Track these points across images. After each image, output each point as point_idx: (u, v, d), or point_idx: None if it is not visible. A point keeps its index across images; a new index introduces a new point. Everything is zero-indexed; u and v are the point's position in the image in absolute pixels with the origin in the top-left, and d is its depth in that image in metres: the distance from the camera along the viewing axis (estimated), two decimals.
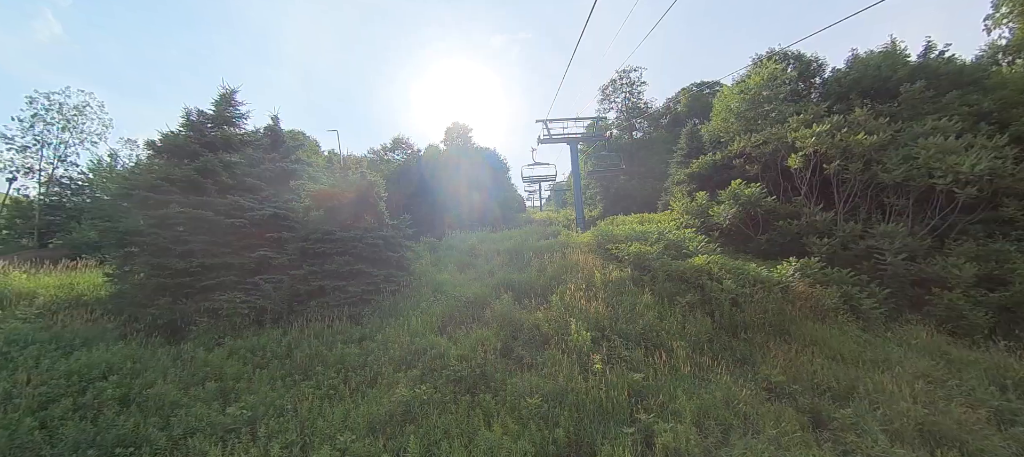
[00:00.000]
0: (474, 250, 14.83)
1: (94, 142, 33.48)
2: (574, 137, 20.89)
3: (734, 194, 14.22)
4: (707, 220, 15.37)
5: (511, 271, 11.78)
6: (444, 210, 31.40)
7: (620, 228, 16.00)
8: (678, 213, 16.96)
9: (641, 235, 13.24)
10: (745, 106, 18.18)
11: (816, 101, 18.28)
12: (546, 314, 8.69)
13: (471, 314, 8.85)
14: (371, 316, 8.68)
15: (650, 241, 12.73)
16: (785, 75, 18.40)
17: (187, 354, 7.10)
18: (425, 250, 14.32)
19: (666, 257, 11.06)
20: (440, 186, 32.95)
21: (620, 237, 13.29)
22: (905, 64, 16.17)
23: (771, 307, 9.20)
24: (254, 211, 9.65)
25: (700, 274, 10.21)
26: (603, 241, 13.47)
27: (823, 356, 8.04)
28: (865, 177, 12.67)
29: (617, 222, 19.35)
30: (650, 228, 14.25)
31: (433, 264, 12.95)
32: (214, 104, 10.73)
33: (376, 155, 35.44)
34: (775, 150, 15.17)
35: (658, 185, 41.18)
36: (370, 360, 6.81)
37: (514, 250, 13.52)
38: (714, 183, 17.77)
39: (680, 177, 19.27)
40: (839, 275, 10.55)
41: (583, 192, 41.26)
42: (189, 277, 8.61)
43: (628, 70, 47.70)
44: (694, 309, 9.26)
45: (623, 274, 10.52)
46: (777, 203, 13.77)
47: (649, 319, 8.49)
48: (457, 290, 9.89)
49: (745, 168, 15.98)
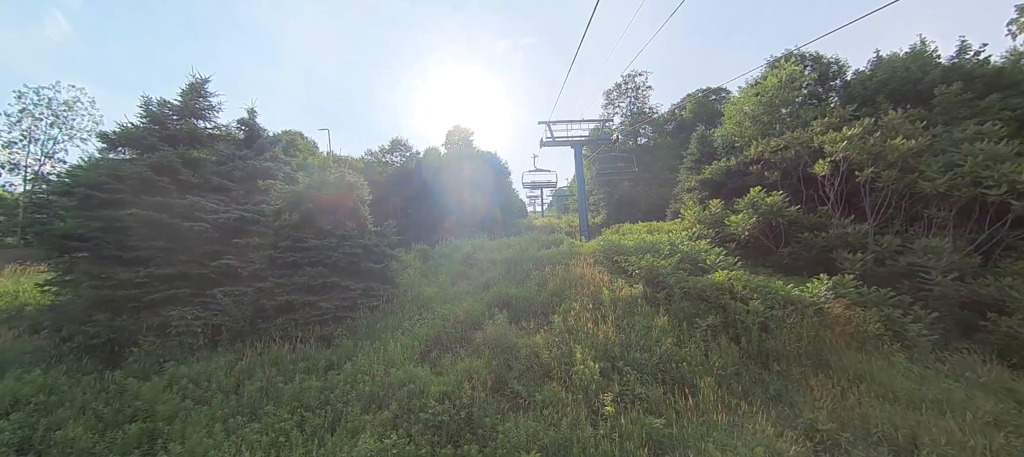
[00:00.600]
0: (469, 259, 13.67)
1: (84, 139, 32.57)
2: (578, 140, 19.79)
3: (753, 203, 13.05)
4: (722, 230, 14.19)
5: (508, 284, 10.60)
6: (443, 214, 30.32)
7: (628, 237, 14.82)
8: (690, 222, 15.78)
9: (652, 246, 12.07)
10: (761, 109, 17.05)
11: (837, 104, 17.16)
12: (547, 338, 7.51)
13: (460, 336, 7.67)
14: (344, 337, 7.51)
15: (662, 253, 11.56)
16: (804, 77, 17.29)
17: (116, 384, 5.93)
18: (416, 258, 13.16)
19: (682, 272, 9.87)
20: (440, 190, 31.88)
21: (629, 248, 12.12)
22: (936, 65, 15.04)
23: (806, 333, 8.00)
24: (218, 214, 8.53)
25: (721, 293, 9.02)
26: (610, 252, 12.30)
27: (872, 394, 6.82)
28: (899, 186, 11.49)
29: (623, 230, 18.17)
30: (660, 238, 13.08)
31: (423, 275, 11.79)
32: (181, 94, 9.65)
33: (373, 157, 34.37)
34: (796, 156, 14.01)
35: (664, 192, 40.04)
36: (333, 397, 5.62)
37: (512, 260, 12.34)
38: (728, 190, 16.61)
39: (691, 184, 18.12)
40: (878, 295, 9.34)
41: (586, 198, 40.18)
42: (135, 289, 7.47)
43: (633, 74, 46.78)
44: (717, 334, 8.06)
45: (634, 291, 9.33)
46: (801, 213, 12.57)
47: (667, 346, 7.29)
48: (446, 307, 8.71)
49: (764, 175, 14.82)
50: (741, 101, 18.86)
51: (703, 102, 47.11)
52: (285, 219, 8.65)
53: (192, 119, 9.69)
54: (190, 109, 9.50)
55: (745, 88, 19.38)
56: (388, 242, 9.59)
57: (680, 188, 20.30)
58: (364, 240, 8.77)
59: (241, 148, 10.24)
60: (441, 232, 27.84)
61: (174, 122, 9.28)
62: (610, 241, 13.04)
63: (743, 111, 17.90)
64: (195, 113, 9.72)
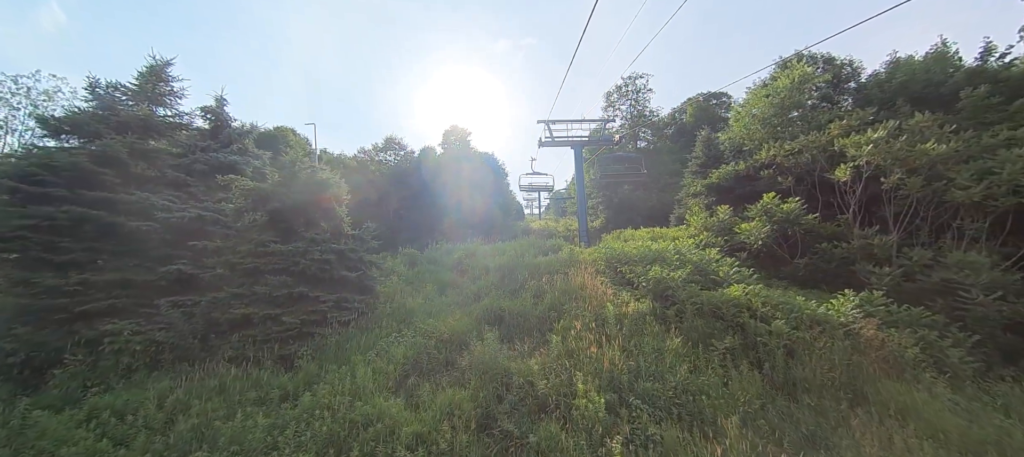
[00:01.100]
0: (461, 265, 12.66)
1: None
2: (579, 141, 18.85)
3: (766, 210, 12.13)
4: (732, 238, 13.26)
5: (501, 295, 9.61)
6: (439, 215, 29.29)
7: (630, 245, 13.87)
8: (696, 229, 14.85)
9: (658, 255, 11.11)
10: (772, 111, 16.18)
11: (852, 107, 16.32)
12: (543, 362, 6.52)
13: (444, 359, 6.66)
14: (308, 359, 6.47)
15: (670, 263, 10.61)
16: (816, 79, 16.44)
17: (16, 419, 4.87)
18: (402, 264, 12.12)
19: (694, 285, 8.91)
20: (435, 190, 30.86)
21: (633, 257, 11.15)
22: (958, 68, 14.23)
23: (838, 359, 7.05)
24: (172, 213, 7.49)
25: (739, 310, 8.06)
26: (613, 261, 11.33)
27: (920, 434, 5.88)
28: (924, 194, 10.61)
29: (625, 236, 17.24)
30: (665, 246, 12.13)
31: (408, 282, 10.76)
32: (138, 76, 8.61)
33: (367, 156, 33.27)
34: (812, 160, 13.12)
35: (664, 196, 39.16)
36: (282, 440, 4.59)
37: (507, 267, 11.34)
38: (736, 196, 15.71)
39: (696, 189, 17.19)
40: (911, 315, 8.41)
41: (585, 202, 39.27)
42: (65, 297, 6.41)
43: (634, 76, 46.09)
44: (736, 358, 7.09)
45: (641, 306, 8.35)
46: (818, 222, 11.65)
47: (681, 374, 6.32)
48: (430, 322, 7.70)
49: (776, 180, 13.90)
50: (749, 103, 18.00)
51: (704, 107, 46.52)
52: (248, 220, 7.63)
53: (150, 105, 8.64)
54: (147, 94, 8.46)
55: (753, 89, 18.53)
56: (367, 247, 8.57)
57: (684, 193, 19.39)
58: (339, 245, 7.74)
59: (206, 139, 9.19)
60: (436, 234, 26.82)
61: (127, 107, 8.23)
62: (612, 249, 12.08)
63: (751, 113, 17.02)
64: (154, 98, 8.67)
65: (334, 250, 7.57)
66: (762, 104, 16.51)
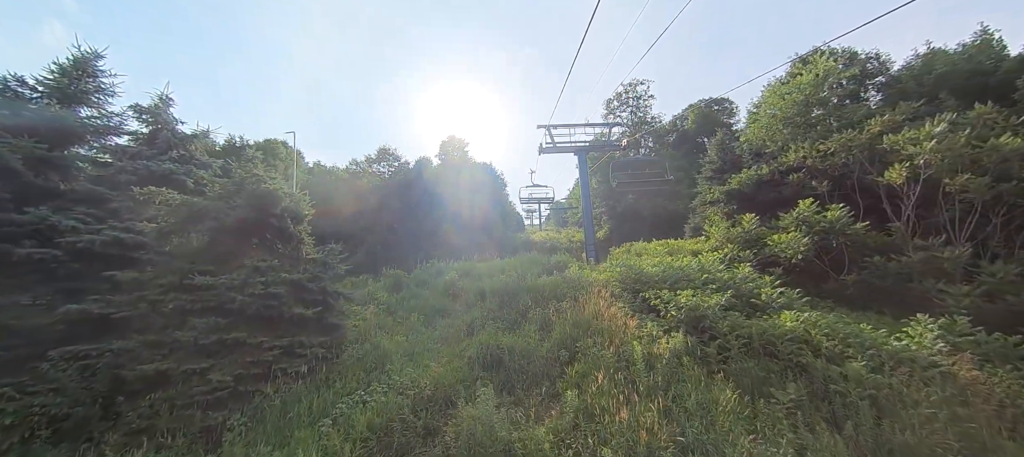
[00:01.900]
0: (454, 288, 11.02)
1: None
2: (583, 146, 17.36)
3: (804, 219, 10.56)
4: (761, 251, 11.66)
5: (500, 328, 7.97)
6: (435, 228, 27.74)
7: (647, 261, 12.26)
8: (718, 240, 13.25)
9: (682, 273, 9.50)
10: (794, 110, 14.74)
11: (881, 102, 14.90)
12: (555, 428, 4.87)
13: (423, 426, 4.99)
14: (239, 432, 4.81)
15: (695, 281, 9.00)
16: (842, 74, 15.03)
17: None
18: (384, 290, 10.46)
19: (735, 314, 7.29)
20: (432, 202, 29.36)
21: (654, 276, 9.52)
22: (1004, 57, 12.83)
23: (941, 413, 5.40)
24: (81, 236, 5.89)
25: (797, 345, 6.43)
26: (630, 281, 9.70)
27: None
28: (989, 197, 9.07)
29: (636, 250, 15.63)
30: (687, 262, 10.51)
31: (389, 312, 9.12)
32: (55, 69, 7.09)
33: (359, 167, 31.81)
34: (850, 161, 11.59)
35: (668, 204, 37.56)
36: None
37: (507, 290, 9.71)
38: (759, 203, 14.16)
39: (714, 196, 15.65)
40: (1006, 347, 6.77)
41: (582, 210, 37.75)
42: None
43: (634, 83, 45.04)
44: (807, 414, 5.43)
45: (674, 342, 6.71)
46: (867, 232, 10.05)
47: (744, 447, 4.66)
48: (408, 371, 6.04)
49: (808, 184, 12.36)
50: (766, 102, 16.58)
51: (706, 113, 45.48)
52: (177, 244, 6.03)
53: (71, 105, 7.10)
54: (62, 90, 6.92)
55: (771, 86, 17.13)
56: (333, 273, 6.94)
57: (699, 201, 17.82)
58: (293, 273, 6.12)
59: (142, 145, 7.63)
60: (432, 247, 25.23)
61: (33, 100, 6.69)
62: (628, 266, 10.44)
63: (770, 113, 15.57)
64: (75, 97, 7.14)
65: (286, 281, 5.94)
66: (782, 103, 15.07)
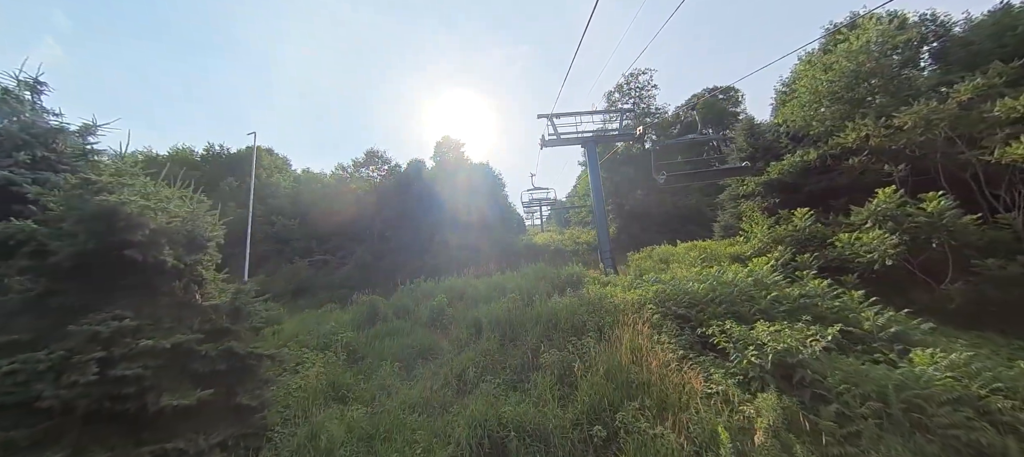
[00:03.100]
0: (442, 317, 8.74)
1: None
2: (592, 136, 15.05)
3: (887, 213, 8.27)
4: (823, 254, 9.38)
5: (501, 383, 5.71)
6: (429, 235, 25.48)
7: (680, 271, 10.00)
8: (761, 241, 10.96)
9: (737, 289, 7.22)
10: (843, 83, 12.44)
11: (936, 71, 12.62)
12: None
13: None
14: None
15: (763, 301, 6.75)
16: (897, 39, 12.73)
17: None
18: (349, 326, 8.16)
19: (849, 359, 5.01)
20: (426, 207, 27.12)
21: (700, 296, 7.21)
22: None
23: None
24: None
25: (965, 416, 4.16)
26: (670, 304, 7.38)
27: None
28: None
29: (660, 255, 13.31)
30: (737, 274, 8.26)
31: (355, 360, 6.83)
32: None
33: (345, 172, 29.53)
34: (931, 138, 9.30)
35: (678, 200, 35.26)
36: None
37: (510, 321, 7.43)
38: (807, 194, 11.88)
39: (749, 187, 13.35)
40: None
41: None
42: None
43: (637, 73, 42.93)
44: None
45: (766, 408, 4.44)
46: (980, 227, 7.74)
47: None
48: None
49: (875, 169, 10.07)
50: (804, 77, 14.27)
51: (711, 103, 43.56)
52: None
53: None
54: None
55: (806, 59, 14.85)
56: (250, 320, 4.67)
57: (728, 194, 15.51)
58: (172, 336, 3.85)
59: None
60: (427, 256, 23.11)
61: None
62: (665, 282, 8.16)
63: (815, 88, 13.26)
64: None
65: (153, 351, 3.67)
66: (825, 76, 12.77)
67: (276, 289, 20.05)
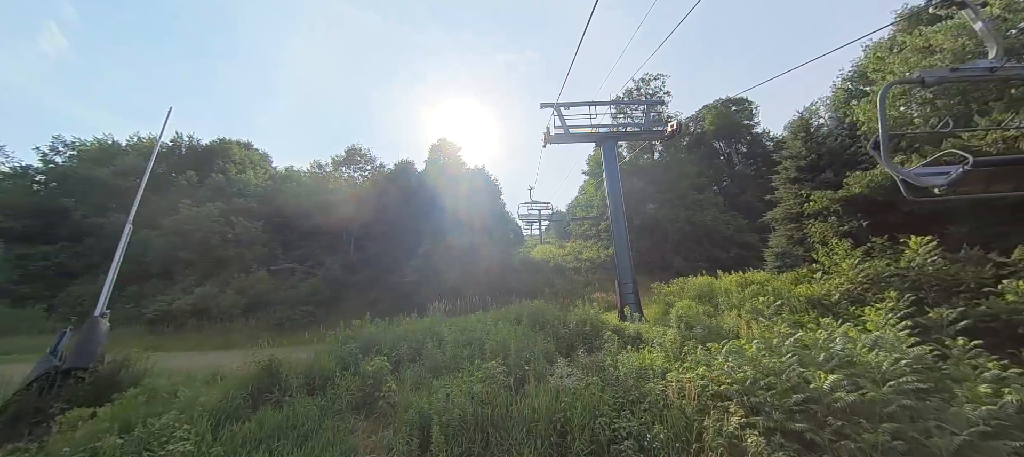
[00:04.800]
0: (378, 393, 5.48)
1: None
2: (611, 133, 11.90)
3: None
4: (970, 302, 6.18)
5: None
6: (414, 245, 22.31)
7: (742, 321, 6.77)
8: (852, 277, 7.73)
9: (864, 368, 4.04)
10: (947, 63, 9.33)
11: None
12: None
13: None
14: None
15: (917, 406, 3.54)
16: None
17: None
18: (207, 415, 4.80)
19: None
20: (412, 214, 24.00)
21: (819, 392, 4.01)
22: None
23: None
24: None
25: None
26: (765, 403, 4.15)
27: None
28: None
29: (696, 289, 10.04)
30: (850, 339, 5.07)
31: None
32: None
33: (322, 171, 26.26)
34: None
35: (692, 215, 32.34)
36: None
37: (480, 426, 4.23)
38: (906, 217, 8.71)
39: (817, 205, 10.14)
40: None
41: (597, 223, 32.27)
42: None
43: (648, 78, 40.34)
44: None
45: None
46: None
47: None
48: None
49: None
50: (878, 66, 11.18)
51: (724, 113, 41.29)
52: None
53: None
54: None
55: (876, 46, 11.77)
56: None
57: (781, 211, 12.25)
58: None
59: None
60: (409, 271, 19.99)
61: None
62: (746, 358, 4.92)
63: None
64: None
65: None
66: (928, 61, 9.66)
67: (221, 305, 16.75)
